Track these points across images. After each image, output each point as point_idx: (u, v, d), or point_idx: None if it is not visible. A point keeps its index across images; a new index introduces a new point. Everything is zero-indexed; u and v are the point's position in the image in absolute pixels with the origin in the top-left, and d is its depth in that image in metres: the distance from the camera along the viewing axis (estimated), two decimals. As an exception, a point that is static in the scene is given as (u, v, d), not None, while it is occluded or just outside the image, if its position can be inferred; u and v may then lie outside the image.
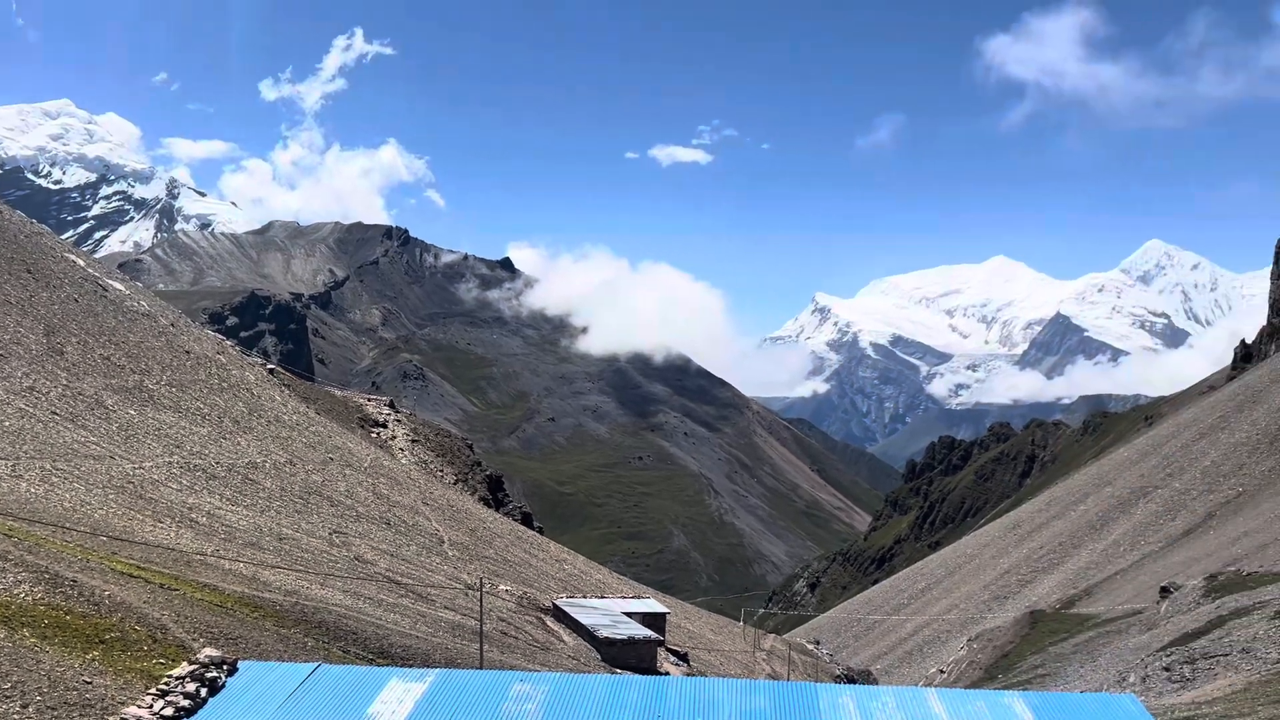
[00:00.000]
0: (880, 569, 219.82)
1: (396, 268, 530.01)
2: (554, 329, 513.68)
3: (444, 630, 35.11)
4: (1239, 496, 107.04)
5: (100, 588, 22.68)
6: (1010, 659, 67.39)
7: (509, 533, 67.49)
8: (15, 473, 33.16)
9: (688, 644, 58.07)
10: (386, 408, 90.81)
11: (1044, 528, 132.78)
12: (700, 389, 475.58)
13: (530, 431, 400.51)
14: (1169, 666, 39.18)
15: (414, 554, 47.23)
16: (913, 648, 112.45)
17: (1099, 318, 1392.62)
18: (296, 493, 47.51)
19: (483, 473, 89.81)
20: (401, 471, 67.40)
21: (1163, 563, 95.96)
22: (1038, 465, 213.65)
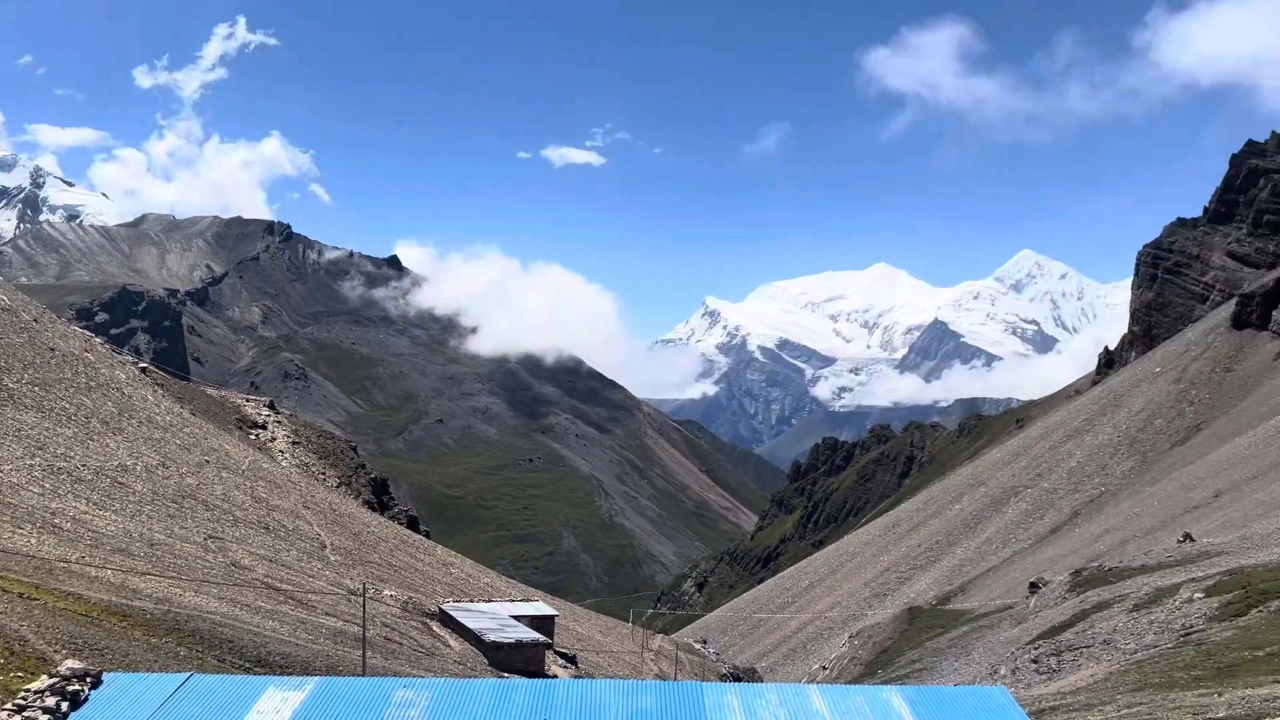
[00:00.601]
0: (766, 568, 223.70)
1: (278, 264, 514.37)
2: (442, 329, 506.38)
3: (325, 637, 34.22)
4: (1102, 495, 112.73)
5: (-49, 599, 21.35)
6: (889, 654, 69.41)
7: (394, 537, 66.20)
8: None
9: (576, 646, 57.99)
10: (266, 409, 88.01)
11: (922, 526, 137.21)
12: (591, 391, 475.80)
13: (417, 433, 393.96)
14: (1037, 659, 40.92)
15: (294, 559, 45.89)
16: (797, 645, 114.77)
17: (974, 324, 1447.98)
18: (169, 496, 45.62)
19: (367, 475, 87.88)
20: (282, 474, 65.41)
21: (1032, 559, 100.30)
22: (916, 466, 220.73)
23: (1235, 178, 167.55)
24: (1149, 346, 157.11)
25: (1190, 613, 36.82)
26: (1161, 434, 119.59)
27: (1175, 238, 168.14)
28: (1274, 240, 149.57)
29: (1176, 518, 79.48)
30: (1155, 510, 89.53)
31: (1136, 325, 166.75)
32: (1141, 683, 28.29)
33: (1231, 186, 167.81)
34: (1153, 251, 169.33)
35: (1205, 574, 42.89)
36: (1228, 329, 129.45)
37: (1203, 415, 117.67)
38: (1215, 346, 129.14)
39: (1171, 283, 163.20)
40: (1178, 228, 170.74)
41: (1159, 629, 36.81)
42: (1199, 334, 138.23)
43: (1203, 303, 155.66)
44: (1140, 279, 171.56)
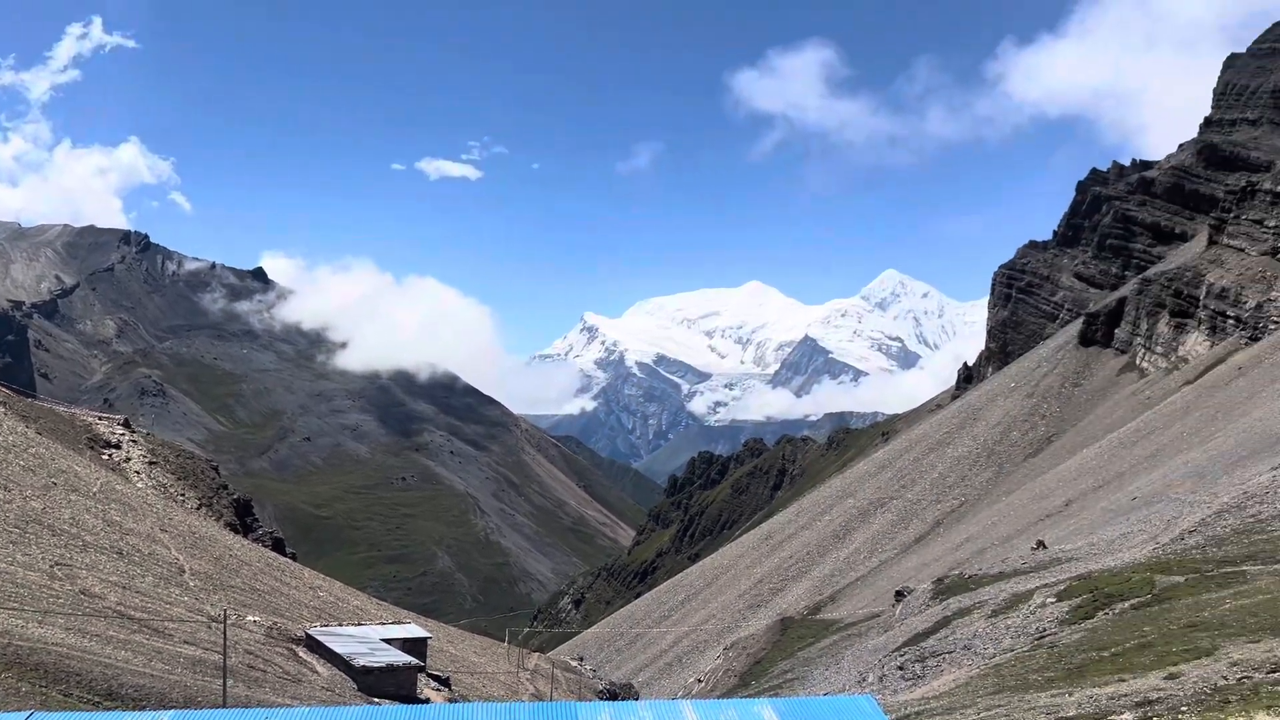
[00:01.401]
0: (643, 582, 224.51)
1: (135, 275, 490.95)
2: (310, 344, 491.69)
3: (183, 667, 32.66)
4: (962, 505, 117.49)
5: None
6: (762, 665, 70.54)
7: (258, 560, 63.73)
8: None
9: (450, 668, 56.92)
10: (120, 427, 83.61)
11: (793, 538, 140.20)
12: (467, 407, 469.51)
13: (284, 452, 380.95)
14: (902, 665, 42.21)
15: (150, 586, 43.67)
16: (673, 659, 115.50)
17: (842, 340, 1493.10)
18: (12, 522, 42.82)
19: (230, 496, 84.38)
20: (137, 496, 62.25)
21: (898, 568, 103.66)
22: (788, 479, 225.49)
23: (1081, 203, 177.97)
24: (1004, 362, 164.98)
25: (1043, 617, 38.59)
26: (1016, 446, 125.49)
27: (1027, 259, 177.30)
28: (1116, 263, 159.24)
29: (1030, 526, 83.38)
30: (1011, 519, 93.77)
31: (993, 342, 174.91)
32: (999, 685, 29.50)
33: (1078, 212, 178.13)
34: (1007, 272, 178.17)
35: (1057, 579, 45.07)
36: (1075, 346, 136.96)
37: (1053, 428, 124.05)
38: (1064, 363, 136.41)
39: (1024, 302, 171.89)
40: (1029, 250, 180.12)
41: (1015, 633, 38.47)
42: (1049, 351, 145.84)
43: (1053, 321, 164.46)
44: (995, 298, 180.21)
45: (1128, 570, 40.40)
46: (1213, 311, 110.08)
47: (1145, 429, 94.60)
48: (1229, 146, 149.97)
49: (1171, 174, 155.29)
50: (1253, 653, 23.04)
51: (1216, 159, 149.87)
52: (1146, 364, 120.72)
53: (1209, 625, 26.93)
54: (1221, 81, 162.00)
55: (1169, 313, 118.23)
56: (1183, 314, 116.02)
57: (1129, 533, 52.85)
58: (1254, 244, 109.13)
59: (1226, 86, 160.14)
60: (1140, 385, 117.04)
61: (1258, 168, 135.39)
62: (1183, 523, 48.32)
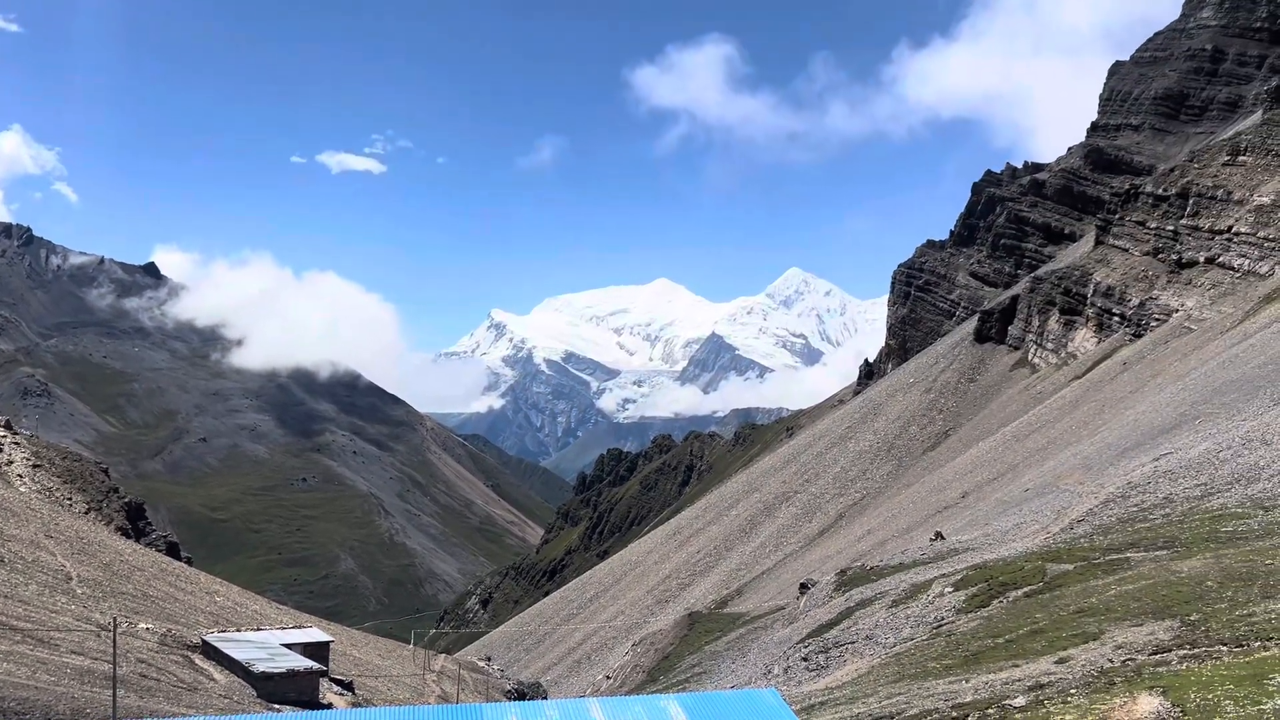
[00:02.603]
0: (552, 580, 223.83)
1: (16, 270, 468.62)
2: (204, 341, 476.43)
3: (70, 677, 31.26)
4: (864, 499, 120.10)
5: None
6: (670, 660, 70.91)
7: (151, 565, 61.46)
8: None
9: (354, 671, 55.78)
10: (2, 429, 79.72)
11: (701, 533, 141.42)
12: (371, 406, 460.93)
13: (178, 453, 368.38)
14: (806, 656, 42.90)
15: (34, 594, 41.72)
16: (581, 656, 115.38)
17: (748, 338, 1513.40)
18: (-121, 531, 40.44)
19: (120, 500, 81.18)
20: (20, 501, 59.41)
21: (802, 561, 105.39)
22: (695, 474, 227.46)
23: (976, 204, 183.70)
24: (904, 359, 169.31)
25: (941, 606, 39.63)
26: (915, 440, 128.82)
27: (925, 258, 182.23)
28: (1009, 261, 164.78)
29: (929, 518, 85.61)
30: (911, 511, 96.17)
31: (893, 339, 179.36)
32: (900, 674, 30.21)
33: (973, 212, 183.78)
34: (906, 271, 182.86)
35: (954, 569, 46.34)
36: (971, 343, 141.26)
37: (950, 422, 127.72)
38: (960, 359, 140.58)
39: (923, 300, 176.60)
40: (927, 249, 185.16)
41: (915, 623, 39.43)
42: (946, 347, 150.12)
43: (950, 318, 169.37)
44: (895, 296, 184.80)
45: (1020, 559, 41.80)
46: (1099, 309, 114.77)
47: (1036, 422, 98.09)
48: (1114, 151, 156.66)
49: (1061, 176, 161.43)
50: (1136, 636, 24.06)
51: (1103, 162, 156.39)
52: (1038, 360, 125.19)
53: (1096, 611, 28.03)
54: (1107, 88, 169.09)
55: (1059, 310, 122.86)
56: (1072, 311, 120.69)
57: (1022, 523, 54.69)
58: (1137, 244, 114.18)
59: (1111, 93, 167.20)
60: (1032, 380, 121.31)
61: (1140, 171, 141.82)
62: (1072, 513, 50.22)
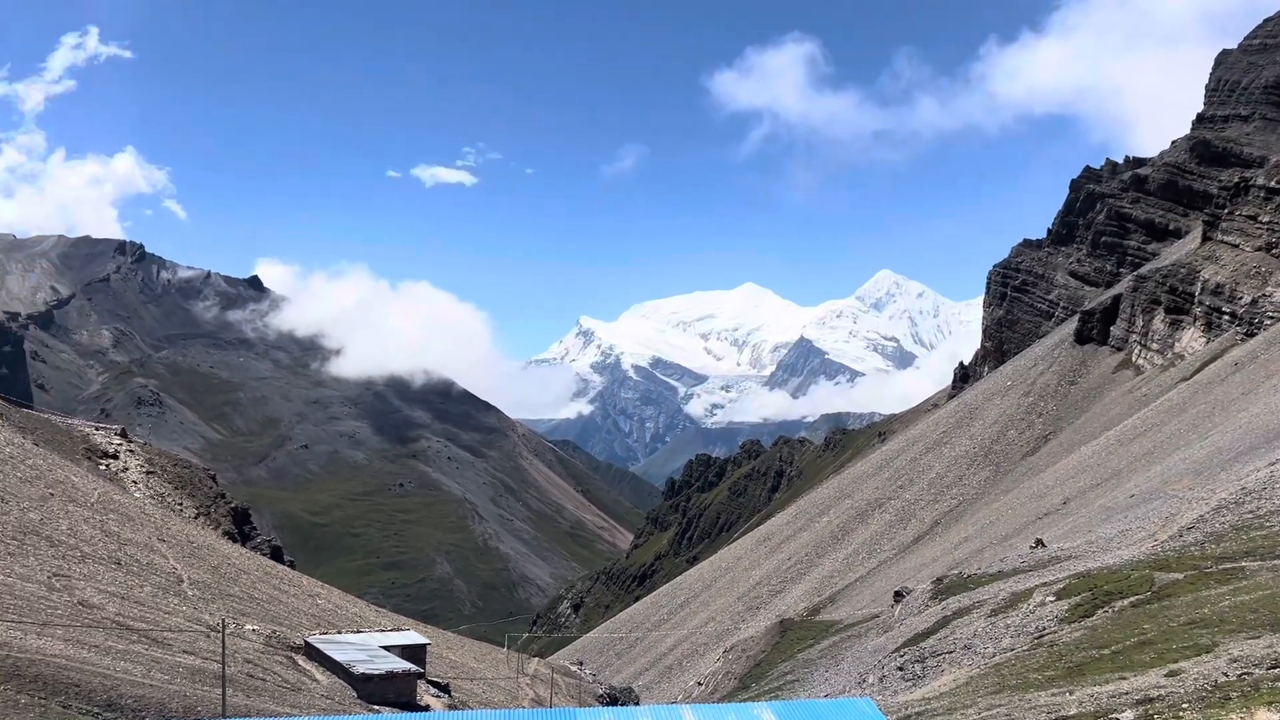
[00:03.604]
0: (642, 586, 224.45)
1: (130, 285, 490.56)
2: (305, 351, 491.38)
3: (182, 677, 32.55)
4: (960, 505, 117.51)
5: None
6: (762, 667, 70.44)
7: (256, 568, 63.62)
8: None
9: (450, 674, 56.81)
10: (117, 437, 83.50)
11: (791, 539, 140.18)
12: (464, 413, 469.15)
13: (281, 460, 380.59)
14: (902, 666, 42.17)
15: (148, 596, 43.56)
16: (673, 662, 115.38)
17: (838, 341, 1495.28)
18: (9, 533, 42.70)
19: (227, 505, 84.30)
20: (134, 506, 62.12)
21: (896, 568, 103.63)
22: (785, 480, 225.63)
23: (1074, 201, 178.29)
24: (1000, 361, 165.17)
25: (1043, 615, 38.58)
26: (1013, 445, 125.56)
27: (1022, 258, 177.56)
28: (1110, 260, 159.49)
29: (1029, 525, 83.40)
30: (1009, 518, 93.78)
31: (988, 341, 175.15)
32: (1000, 685, 29.50)
33: (1071, 210, 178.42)
34: (1002, 271, 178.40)
35: (1056, 578, 45.06)
36: (1071, 344, 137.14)
37: (1050, 426, 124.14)
38: (1060, 361, 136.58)
39: (1020, 300, 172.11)
40: (1024, 248, 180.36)
41: (1015, 632, 38.46)
42: (1045, 349, 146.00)
43: (1048, 319, 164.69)
44: (991, 297, 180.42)
45: (1126, 568, 40.42)
46: (1208, 308, 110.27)
47: (1142, 426, 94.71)
48: (1222, 143, 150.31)
49: (1165, 171, 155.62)
50: (1252, 649, 23.06)
51: (1209, 155, 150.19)
52: (1142, 361, 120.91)
53: (1209, 622, 26.95)
54: (1213, 78, 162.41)
55: (1164, 309, 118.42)
56: (1178, 310, 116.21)
57: (1127, 530, 52.87)
58: (1248, 239, 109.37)
59: (1218, 83, 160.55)
60: (1136, 382, 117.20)
61: (1251, 163, 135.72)
62: (1181, 519, 48.34)
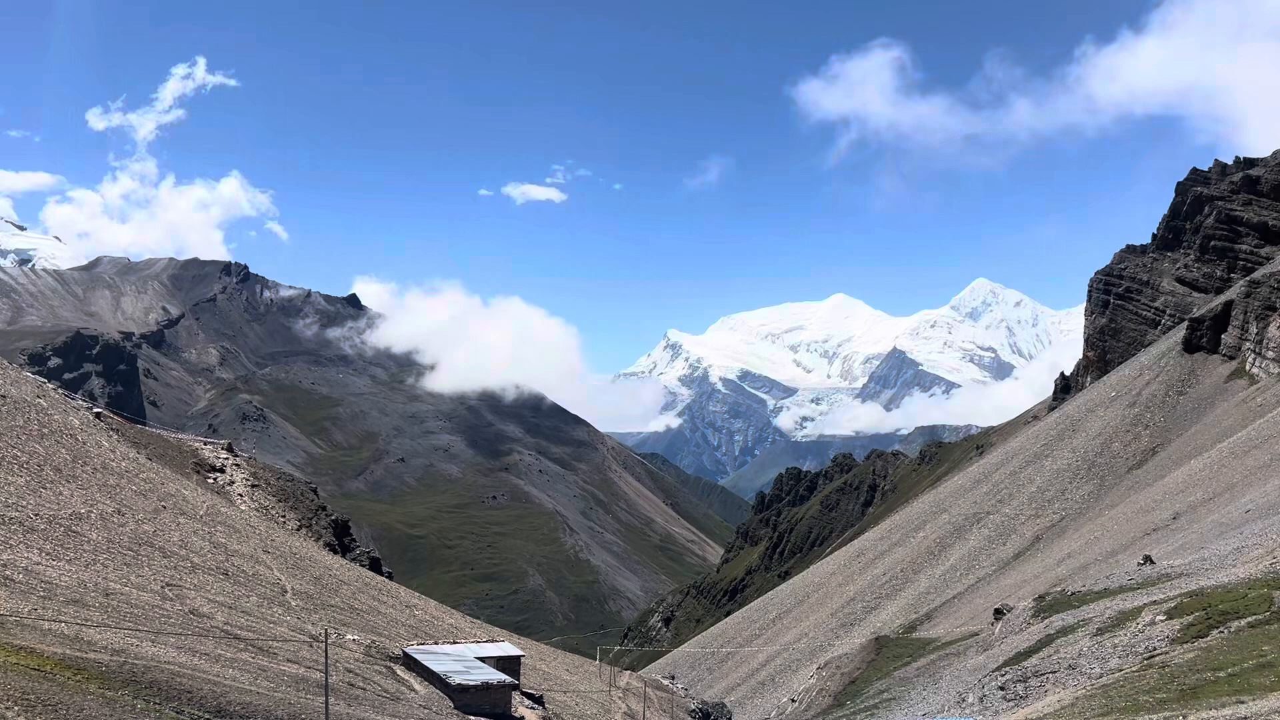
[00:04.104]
0: (733, 600, 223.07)
1: (235, 305, 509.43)
2: (401, 367, 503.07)
3: (287, 685, 33.54)
4: (1062, 520, 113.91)
5: (-103, 657, 20.69)
6: (858, 685, 69.27)
7: (356, 579, 65.21)
8: None
9: (543, 686, 57.31)
10: (224, 451, 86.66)
11: (886, 555, 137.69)
12: (554, 427, 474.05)
13: (379, 473, 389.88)
14: (1004, 685, 41.06)
15: (254, 605, 45.02)
16: (765, 678, 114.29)
17: (932, 352, 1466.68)
18: (125, 544, 44.64)
19: (328, 517, 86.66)
20: (240, 519, 64.34)
21: (996, 585, 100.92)
22: (879, 494, 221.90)
23: (1181, 205, 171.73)
24: (1104, 371, 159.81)
25: (1153, 635, 37.19)
26: (1118, 458, 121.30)
27: (1125, 264, 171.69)
28: (1220, 265, 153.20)
29: (1136, 540, 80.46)
30: (1115, 533, 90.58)
31: (1091, 351, 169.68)
32: (1108, 706, 28.50)
33: (1178, 213, 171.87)
34: (1104, 278, 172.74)
35: (1166, 596, 43.39)
36: (1179, 353, 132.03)
37: (1158, 438, 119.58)
38: (1168, 370, 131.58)
39: (1123, 308, 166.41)
40: (1127, 254, 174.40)
41: (1123, 652, 37.13)
42: (1152, 358, 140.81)
43: (1154, 327, 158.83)
44: (1093, 305, 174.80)
45: (1243, 586, 38.66)
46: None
47: (1257, 437, 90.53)
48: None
49: (1279, 171, 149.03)
50: (1384, 674, 21.82)
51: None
52: (1257, 369, 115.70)
53: (1334, 644, 25.60)
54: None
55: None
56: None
57: (1243, 547, 50.58)
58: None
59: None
60: (1251, 392, 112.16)
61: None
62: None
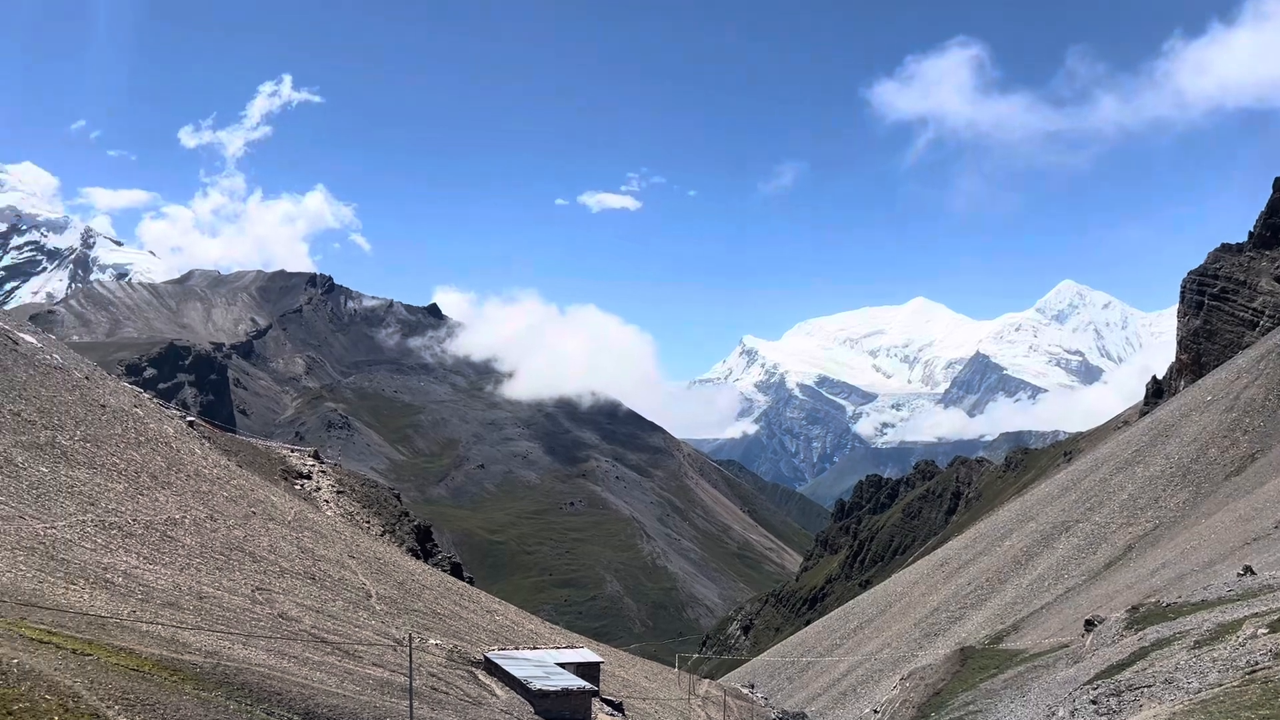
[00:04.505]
0: (812, 609, 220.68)
1: (320, 315, 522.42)
2: (480, 375, 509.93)
3: (372, 688, 34.17)
4: (1156, 529, 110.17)
5: (7, 655, 21.60)
6: (942, 696, 67.89)
7: (438, 584, 66.19)
8: (-85, 536, 31.59)
9: (622, 693, 57.40)
10: (311, 459, 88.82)
11: (971, 564, 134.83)
12: (630, 433, 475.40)
13: (459, 479, 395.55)
14: (1096, 699, 39.82)
15: (340, 609, 46.01)
16: (846, 688, 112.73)
17: (1017, 356, 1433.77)
18: (217, 549, 46.05)
19: (411, 523, 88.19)
20: (326, 524, 65.84)
21: (1086, 596, 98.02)
22: (963, 502, 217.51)
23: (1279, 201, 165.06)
24: (1198, 375, 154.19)
25: (1254, 649, 35.70)
26: (1215, 464, 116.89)
27: (1220, 264, 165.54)
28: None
29: (1235, 550, 77.43)
30: (1212, 543, 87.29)
31: (1184, 353, 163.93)
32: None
33: (1276, 210, 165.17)
34: (1198, 278, 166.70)
35: (1269, 608, 41.64)
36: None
37: (1257, 444, 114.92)
38: (1268, 373, 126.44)
39: (1219, 309, 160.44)
40: (1222, 253, 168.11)
41: (1223, 666, 35.73)
42: (1250, 360, 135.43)
43: (1252, 329, 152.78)
44: (1186, 306, 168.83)
45: (1353, 599, 36.87)
46: None
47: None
48: None
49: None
50: None
51: None
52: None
53: None
54: None
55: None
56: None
57: (1352, 558, 48.29)
58: None
59: None
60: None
61: None
62: None
